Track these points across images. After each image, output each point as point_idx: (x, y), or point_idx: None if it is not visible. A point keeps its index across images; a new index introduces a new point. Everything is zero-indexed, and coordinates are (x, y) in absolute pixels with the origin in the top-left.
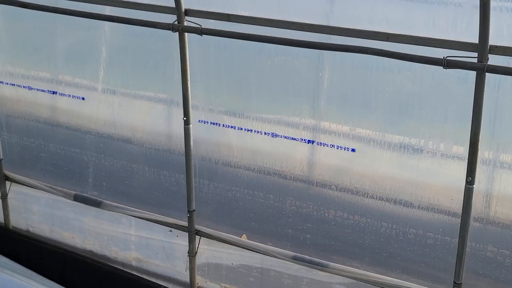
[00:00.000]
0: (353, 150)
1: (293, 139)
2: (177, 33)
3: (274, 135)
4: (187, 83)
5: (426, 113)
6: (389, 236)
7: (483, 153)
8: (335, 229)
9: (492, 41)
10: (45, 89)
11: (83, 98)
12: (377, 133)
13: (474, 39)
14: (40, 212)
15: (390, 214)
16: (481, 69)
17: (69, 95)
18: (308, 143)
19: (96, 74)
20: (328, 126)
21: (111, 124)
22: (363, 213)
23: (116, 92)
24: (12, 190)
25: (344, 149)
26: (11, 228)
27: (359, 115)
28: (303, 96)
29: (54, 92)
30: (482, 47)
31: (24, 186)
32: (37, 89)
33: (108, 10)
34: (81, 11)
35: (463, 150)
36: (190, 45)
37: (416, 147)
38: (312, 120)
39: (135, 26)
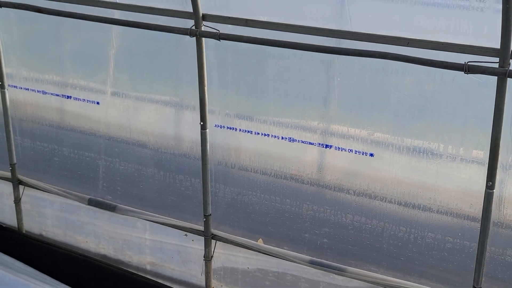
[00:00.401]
0: (371, 154)
1: (310, 143)
2: (187, 37)
3: (291, 139)
4: (204, 88)
5: (445, 117)
6: (407, 240)
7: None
8: (353, 233)
9: None
10: (59, 93)
11: (97, 103)
12: (395, 137)
13: (496, 44)
14: (54, 216)
15: (408, 219)
16: (503, 74)
17: (84, 100)
18: (325, 147)
19: (108, 77)
20: (346, 130)
21: (125, 128)
22: (381, 218)
23: (128, 96)
24: (25, 194)
25: (362, 154)
26: (24, 232)
27: (375, 119)
28: (319, 100)
29: (68, 97)
30: (504, 52)
31: (37, 190)
32: (51, 94)
33: (117, 14)
34: (97, 16)
35: (483, 154)
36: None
37: (435, 152)
38: (328, 124)
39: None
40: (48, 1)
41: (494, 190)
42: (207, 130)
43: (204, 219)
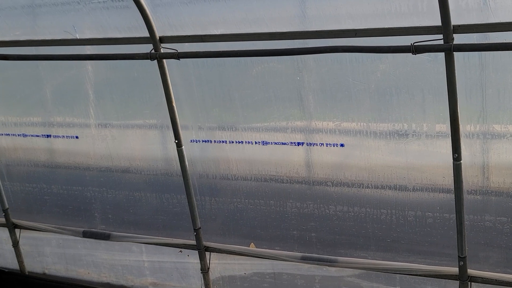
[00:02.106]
0: (342, 145)
1: (283, 143)
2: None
3: (264, 143)
4: (173, 107)
5: (405, 96)
6: (390, 222)
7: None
8: (338, 223)
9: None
10: (39, 133)
11: (76, 137)
12: (361, 124)
13: (438, 21)
14: (53, 253)
15: (387, 201)
16: (448, 50)
17: (63, 136)
18: (298, 145)
19: (86, 111)
20: (315, 125)
21: (108, 157)
22: (362, 204)
23: (107, 125)
24: (23, 236)
25: (334, 146)
26: (27, 273)
27: (342, 111)
28: (286, 101)
29: (48, 136)
30: (446, 28)
31: (34, 231)
32: (31, 135)
33: (89, 48)
34: (61, 55)
35: (445, 128)
36: (170, 69)
37: (401, 132)
38: (298, 122)
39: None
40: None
41: (462, 161)
42: (183, 147)
43: (195, 233)
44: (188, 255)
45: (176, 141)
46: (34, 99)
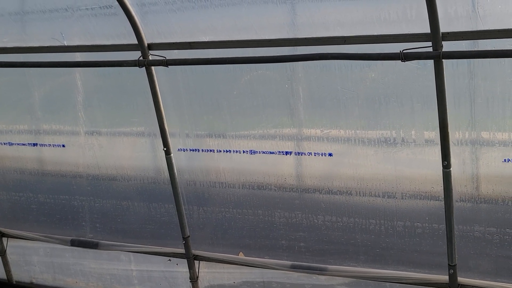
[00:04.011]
0: (330, 154)
1: (271, 153)
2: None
3: (252, 152)
4: (161, 115)
5: (393, 105)
6: (379, 232)
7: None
8: (326, 233)
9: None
10: (25, 142)
11: (63, 146)
12: (351, 132)
13: (427, 28)
14: (40, 262)
15: (376, 210)
16: (437, 57)
17: (49, 145)
18: (286, 154)
19: (73, 118)
20: (304, 133)
21: (96, 166)
22: (350, 214)
23: (95, 133)
24: (10, 245)
25: (322, 155)
26: (14, 283)
27: (331, 119)
28: (275, 108)
29: (34, 144)
30: (435, 36)
31: (21, 240)
32: (17, 144)
33: (78, 55)
34: (49, 62)
35: (434, 135)
36: (159, 76)
37: (389, 141)
38: (287, 130)
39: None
40: None
41: (451, 169)
42: (172, 154)
43: (184, 242)
44: (177, 264)
45: (165, 149)
46: (22, 106)
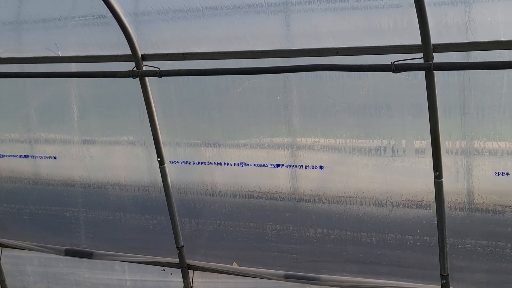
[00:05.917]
0: (321, 167)
1: (262, 165)
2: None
3: (243, 164)
4: (155, 125)
5: (384, 115)
6: (370, 244)
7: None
8: (318, 246)
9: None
10: (17, 154)
11: (54, 157)
12: (342, 141)
13: (419, 39)
14: (34, 272)
15: (367, 222)
16: (428, 68)
17: (41, 157)
18: (277, 167)
19: (67, 128)
20: (298, 142)
21: (89, 176)
22: (342, 227)
23: (88, 142)
24: (4, 255)
25: (313, 168)
26: None
27: (322, 129)
28: (267, 119)
29: (25, 156)
30: (426, 47)
31: (15, 250)
32: (8, 156)
33: (73, 66)
34: (43, 72)
35: (425, 144)
36: (151, 85)
37: (380, 152)
38: (279, 140)
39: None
40: None
41: (443, 179)
42: (165, 164)
43: (178, 251)
44: (171, 274)
45: (159, 159)
46: (14, 116)
